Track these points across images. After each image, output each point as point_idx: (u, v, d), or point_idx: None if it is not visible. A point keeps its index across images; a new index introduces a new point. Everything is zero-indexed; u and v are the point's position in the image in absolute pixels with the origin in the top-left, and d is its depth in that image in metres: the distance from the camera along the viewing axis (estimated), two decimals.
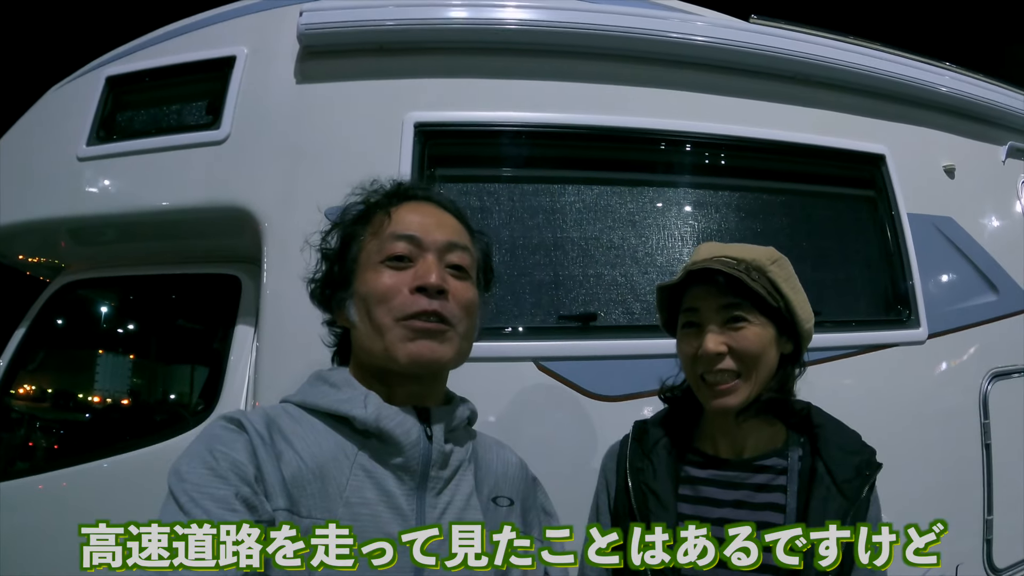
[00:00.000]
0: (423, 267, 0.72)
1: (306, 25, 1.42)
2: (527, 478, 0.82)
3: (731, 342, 0.81)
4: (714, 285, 0.82)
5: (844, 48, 1.64)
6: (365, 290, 0.72)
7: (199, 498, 0.59)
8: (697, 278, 0.84)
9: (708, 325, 0.82)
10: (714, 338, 0.81)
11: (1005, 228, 1.79)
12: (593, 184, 1.49)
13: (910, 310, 1.56)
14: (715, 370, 0.81)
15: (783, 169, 1.63)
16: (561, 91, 1.50)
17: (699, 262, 0.84)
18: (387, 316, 0.70)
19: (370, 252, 0.74)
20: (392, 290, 0.71)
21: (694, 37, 1.52)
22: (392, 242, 0.72)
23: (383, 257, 0.72)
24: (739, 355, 0.81)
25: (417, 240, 0.73)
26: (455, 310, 0.72)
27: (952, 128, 1.79)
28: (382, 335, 0.70)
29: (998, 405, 1.58)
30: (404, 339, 0.70)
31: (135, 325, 1.82)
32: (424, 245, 0.73)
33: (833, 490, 0.79)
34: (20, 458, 1.68)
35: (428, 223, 0.74)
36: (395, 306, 0.70)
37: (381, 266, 0.72)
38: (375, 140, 1.40)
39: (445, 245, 0.74)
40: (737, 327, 0.81)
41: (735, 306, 0.81)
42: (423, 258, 0.72)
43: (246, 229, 1.44)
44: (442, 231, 0.74)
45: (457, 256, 0.74)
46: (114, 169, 1.56)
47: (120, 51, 1.70)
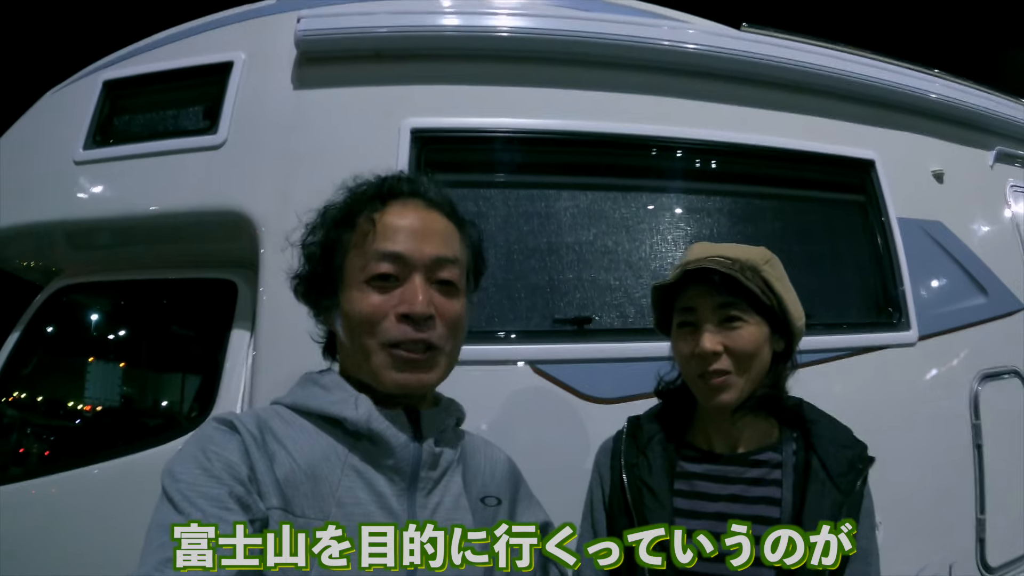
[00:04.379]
0: (410, 291, 0.70)
1: (304, 31, 1.44)
2: (515, 475, 0.83)
3: (727, 342, 0.82)
4: (710, 284, 0.82)
5: (834, 55, 1.67)
6: (349, 309, 0.71)
7: (193, 497, 0.59)
8: (693, 277, 0.84)
9: (704, 324, 0.83)
10: (711, 337, 0.82)
11: (993, 232, 1.82)
12: (587, 189, 1.50)
13: (901, 313, 1.58)
14: (712, 369, 0.82)
15: (774, 175, 1.65)
16: (556, 98, 1.51)
17: (694, 261, 0.84)
18: (372, 340, 0.69)
19: (354, 268, 0.72)
20: (377, 314, 0.69)
21: (686, 45, 1.54)
22: (377, 261, 0.70)
23: (367, 277, 0.70)
24: (735, 354, 0.82)
25: (403, 259, 0.70)
26: (442, 333, 0.71)
27: (941, 134, 1.82)
28: (367, 358, 0.70)
29: (988, 406, 1.60)
30: (389, 366, 0.69)
31: (130, 330, 1.81)
32: (411, 263, 0.70)
33: (828, 484, 0.80)
34: (14, 463, 1.67)
35: (416, 230, 0.72)
36: (380, 331, 0.69)
37: (365, 286, 0.70)
38: (372, 146, 1.41)
39: (433, 261, 0.71)
40: (733, 326, 0.82)
41: (731, 305, 0.82)
42: (410, 280, 0.70)
43: (243, 234, 1.44)
44: (430, 243, 0.72)
45: (447, 272, 0.72)
46: (111, 173, 1.56)
47: (117, 55, 1.71)
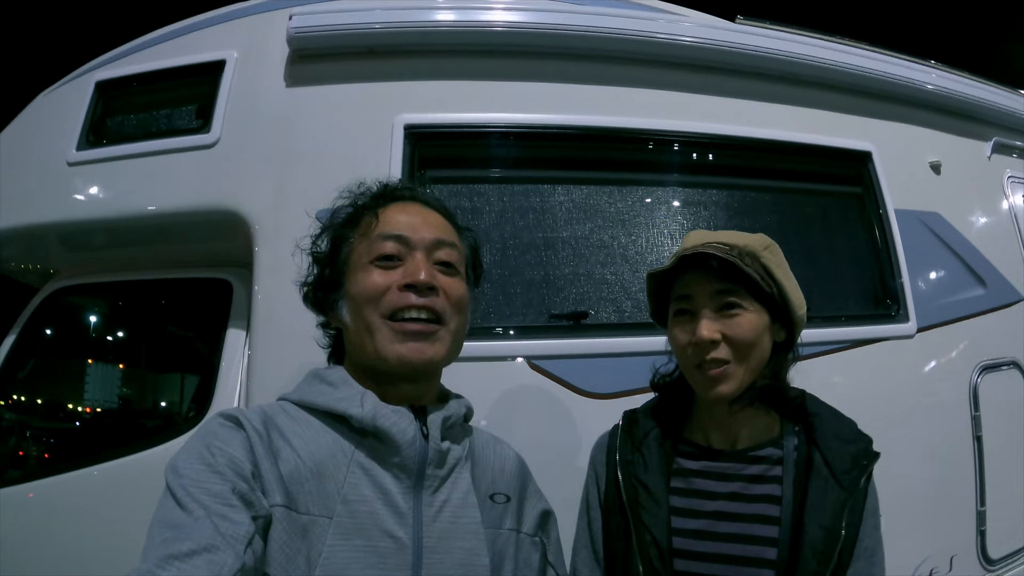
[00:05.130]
0: (412, 265, 0.73)
1: (296, 29, 1.43)
2: (523, 472, 0.83)
3: (725, 329, 0.78)
4: (708, 271, 0.79)
5: (830, 47, 1.66)
6: (355, 290, 0.73)
7: (196, 493, 0.59)
8: (689, 264, 0.81)
9: (702, 311, 0.80)
10: (708, 324, 0.78)
11: (991, 223, 1.82)
12: (582, 184, 1.50)
13: (899, 305, 1.58)
14: (709, 358, 0.79)
15: (771, 167, 1.65)
16: (550, 92, 1.51)
17: (691, 247, 0.81)
18: (375, 314, 0.71)
19: (360, 253, 0.74)
20: (381, 288, 0.71)
21: (682, 38, 1.54)
22: (380, 242, 0.73)
23: (372, 257, 0.73)
24: (734, 342, 0.78)
25: (405, 239, 0.73)
26: (446, 306, 0.73)
27: (938, 125, 1.82)
28: (372, 334, 0.71)
29: (988, 397, 1.59)
30: (393, 340, 0.70)
31: (126, 330, 1.81)
32: (412, 243, 0.74)
33: (831, 481, 0.76)
34: (11, 466, 1.66)
35: (415, 221, 0.76)
36: (384, 304, 0.71)
37: (370, 266, 0.73)
38: (366, 142, 1.41)
39: (433, 243, 0.75)
40: (731, 314, 0.79)
41: (729, 292, 0.79)
42: (411, 256, 0.73)
43: (237, 233, 1.44)
44: (429, 229, 0.75)
45: (445, 253, 0.75)
46: (104, 174, 1.56)
47: (110, 56, 1.70)
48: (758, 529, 0.77)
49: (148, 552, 0.57)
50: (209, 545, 0.55)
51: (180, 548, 0.55)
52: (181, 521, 0.57)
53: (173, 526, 0.57)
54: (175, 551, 0.55)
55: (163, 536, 0.57)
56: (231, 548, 0.56)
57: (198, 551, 0.55)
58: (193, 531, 0.56)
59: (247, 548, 0.57)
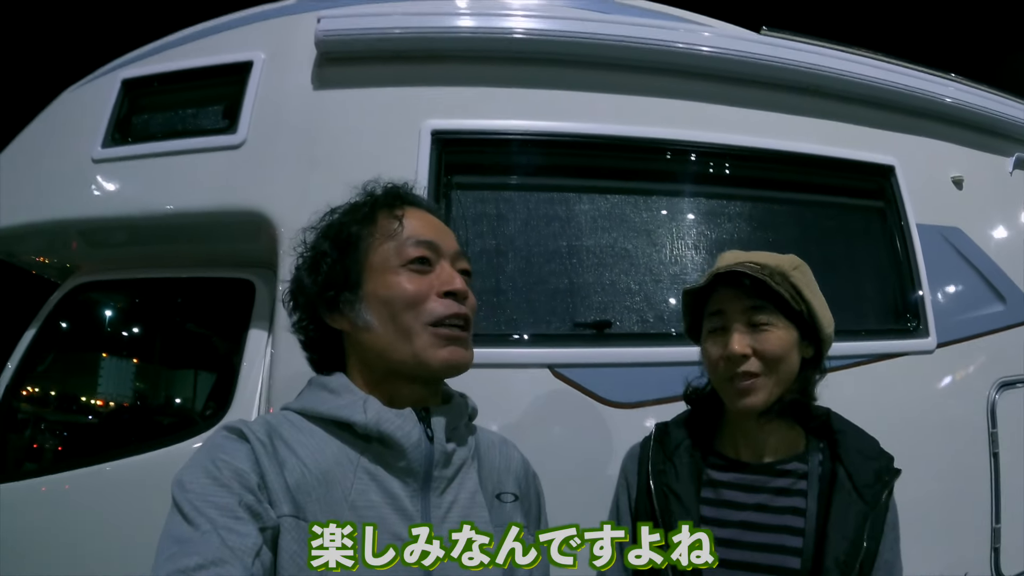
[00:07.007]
0: (447, 273, 0.73)
1: (324, 32, 1.43)
2: (528, 472, 0.83)
3: (756, 344, 0.82)
4: (740, 288, 0.83)
5: (854, 60, 1.66)
6: (388, 294, 0.72)
7: (203, 507, 0.59)
8: (723, 281, 0.85)
9: (734, 326, 0.84)
10: (740, 339, 0.83)
11: (1012, 239, 1.81)
12: (608, 193, 1.50)
13: (919, 320, 1.58)
14: (740, 371, 0.83)
15: (794, 180, 1.65)
16: (576, 101, 1.51)
17: (724, 266, 0.86)
18: (416, 321, 0.71)
19: (386, 254, 0.73)
20: (420, 295, 0.71)
21: (706, 48, 1.54)
22: (413, 247, 0.73)
23: (403, 261, 0.73)
24: (764, 357, 0.82)
25: (436, 246, 0.75)
26: (471, 315, 0.75)
27: (961, 140, 1.81)
28: (410, 340, 0.71)
29: (1006, 414, 1.59)
30: (435, 345, 0.71)
31: (147, 328, 1.81)
32: (442, 251, 0.75)
33: (854, 495, 0.80)
34: (29, 459, 1.67)
35: (440, 229, 0.77)
36: (427, 311, 0.71)
37: (402, 270, 0.72)
38: (392, 147, 1.41)
39: (456, 253, 0.77)
40: (762, 330, 0.83)
41: (760, 309, 0.83)
42: (440, 264, 0.74)
43: (261, 234, 1.45)
44: (451, 239, 0.78)
45: (464, 263, 0.77)
46: (128, 172, 1.56)
47: (137, 54, 1.71)
48: (784, 539, 0.81)
49: (156, 568, 0.57)
50: (217, 559, 0.55)
51: (188, 563, 0.55)
52: (188, 536, 0.57)
53: (180, 541, 0.57)
54: (183, 566, 0.55)
55: (171, 551, 0.57)
56: (239, 561, 0.56)
57: (206, 565, 0.55)
58: (200, 545, 0.56)
59: (255, 560, 0.57)
